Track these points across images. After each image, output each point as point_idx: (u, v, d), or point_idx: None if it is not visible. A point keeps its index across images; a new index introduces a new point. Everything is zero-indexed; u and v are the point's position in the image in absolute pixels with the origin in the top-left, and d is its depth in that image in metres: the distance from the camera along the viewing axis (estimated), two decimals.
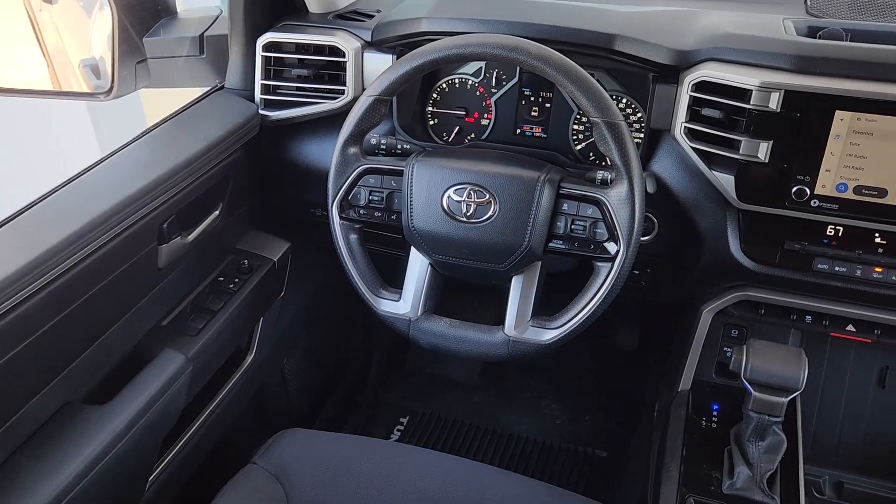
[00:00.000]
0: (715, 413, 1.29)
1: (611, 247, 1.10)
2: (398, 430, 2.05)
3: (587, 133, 1.40)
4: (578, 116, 1.39)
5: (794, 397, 1.27)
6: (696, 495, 1.12)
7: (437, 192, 1.15)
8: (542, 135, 1.43)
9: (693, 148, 1.22)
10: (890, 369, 1.35)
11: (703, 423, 1.27)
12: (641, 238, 1.34)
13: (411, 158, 1.18)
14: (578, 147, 1.41)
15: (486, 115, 1.46)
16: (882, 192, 1.13)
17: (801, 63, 1.12)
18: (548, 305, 1.23)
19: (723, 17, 1.29)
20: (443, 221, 1.15)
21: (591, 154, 1.41)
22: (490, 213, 1.13)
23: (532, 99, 1.42)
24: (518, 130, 1.45)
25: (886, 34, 1.27)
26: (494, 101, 1.44)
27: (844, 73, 1.10)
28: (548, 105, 1.41)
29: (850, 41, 1.26)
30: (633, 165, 1.07)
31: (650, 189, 1.20)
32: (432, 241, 1.17)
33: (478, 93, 1.45)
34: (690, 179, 1.27)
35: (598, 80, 1.34)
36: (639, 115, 1.36)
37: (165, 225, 1.22)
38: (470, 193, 1.13)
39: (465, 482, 1.22)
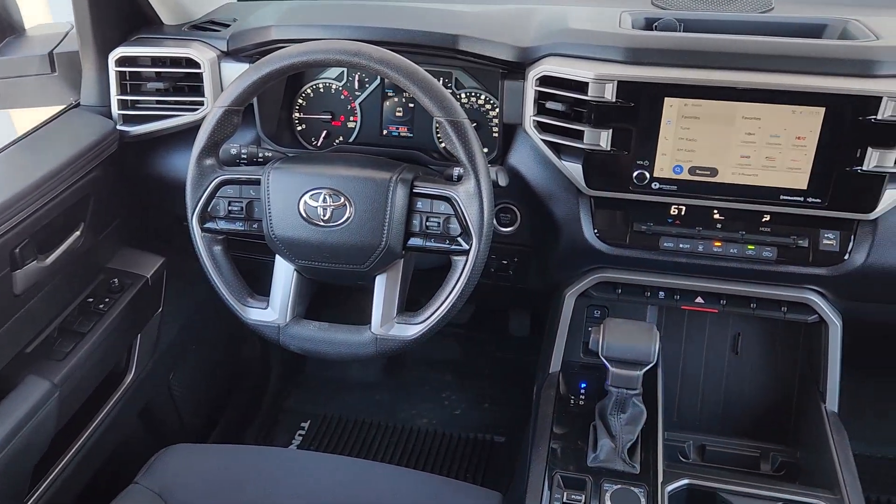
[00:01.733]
0: (583, 391, 1.35)
1: (464, 241, 1.14)
2: (300, 435, 2.06)
3: None
4: None
5: (654, 370, 1.36)
6: (563, 470, 1.18)
7: (294, 198, 1.16)
8: (408, 134, 1.47)
9: (543, 140, 1.27)
10: (741, 335, 1.44)
11: (572, 401, 1.33)
12: (505, 230, 1.41)
13: (267, 166, 1.19)
14: (442, 145, 1.45)
15: (352, 118, 1.48)
16: (713, 172, 1.21)
17: (631, 55, 1.19)
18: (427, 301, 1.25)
19: (564, 12, 1.35)
20: (301, 227, 1.17)
21: None
22: (347, 215, 1.15)
23: (396, 100, 1.45)
24: (385, 131, 1.47)
25: (718, 22, 1.36)
26: (359, 104, 1.46)
27: (671, 63, 1.18)
28: (411, 105, 1.44)
29: (684, 31, 1.34)
30: (478, 161, 1.11)
31: (502, 182, 1.25)
32: (293, 247, 1.19)
33: (342, 96, 1.47)
34: (544, 170, 1.33)
35: (456, 78, 1.40)
36: (497, 110, 1.40)
37: (18, 250, 1.19)
38: (326, 198, 1.15)
39: (356, 482, 1.24)
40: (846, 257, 1.23)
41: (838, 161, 1.16)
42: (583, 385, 1.36)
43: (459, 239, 1.15)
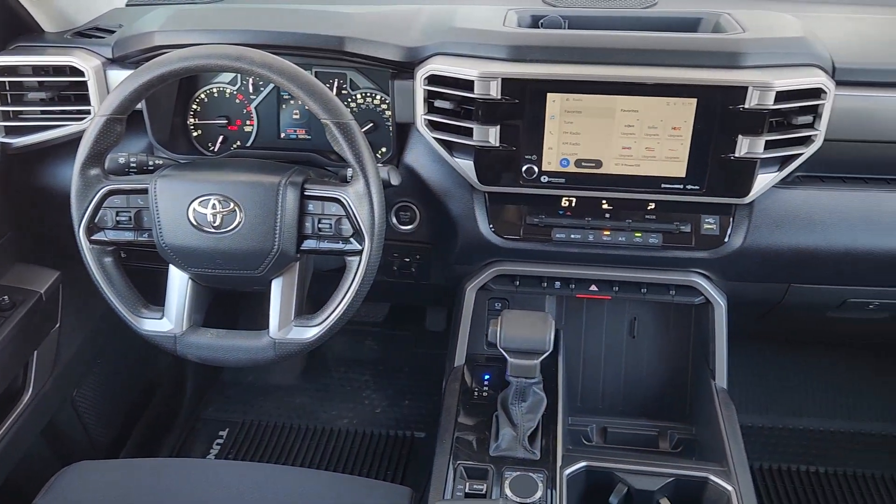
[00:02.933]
0: (486, 383, 1.38)
1: (357, 241, 1.15)
2: (217, 444, 2.03)
3: None
4: None
5: (555, 358, 1.41)
6: (466, 461, 1.20)
7: (182, 205, 1.15)
8: (307, 136, 1.46)
9: (435, 138, 1.29)
10: (637, 320, 1.50)
11: (476, 393, 1.36)
12: (404, 228, 1.42)
13: (155, 174, 1.17)
14: None
15: (248, 122, 1.47)
16: (598, 163, 1.26)
17: (513, 52, 1.22)
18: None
19: (451, 11, 1.37)
20: (192, 234, 1.15)
21: None
22: (237, 221, 1.14)
23: (293, 103, 1.44)
24: (283, 134, 1.47)
25: (602, 19, 1.41)
26: (255, 108, 1.46)
27: (551, 59, 1.21)
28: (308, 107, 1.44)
29: (569, 28, 1.38)
30: (366, 162, 1.13)
31: (394, 181, 1.26)
32: (185, 255, 1.17)
33: (237, 100, 1.45)
34: (439, 168, 1.35)
35: (350, 79, 1.41)
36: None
37: None
38: (215, 204, 1.14)
39: (263, 488, 1.23)
40: (726, 240, 1.30)
41: (713, 149, 1.22)
42: (486, 377, 1.39)
43: (352, 239, 1.16)
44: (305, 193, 1.16)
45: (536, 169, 1.27)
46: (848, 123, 1.25)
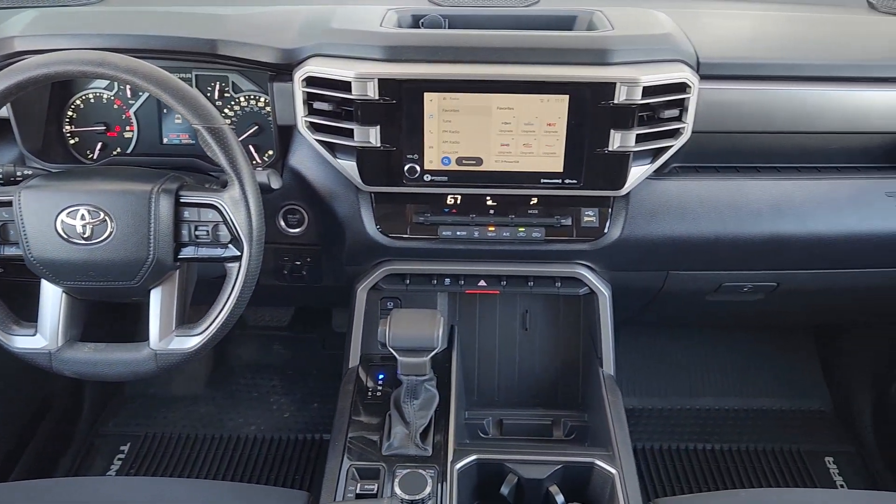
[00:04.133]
0: (381, 382, 1.38)
1: (235, 247, 1.14)
2: (119, 460, 1.97)
3: None
4: None
5: (448, 353, 1.42)
6: (358, 462, 1.20)
7: (50, 217, 1.11)
8: (190, 141, 1.43)
9: (317, 140, 1.28)
10: (528, 312, 1.53)
11: (370, 394, 1.36)
12: (293, 231, 1.41)
13: (20, 186, 1.13)
14: None
15: (128, 128, 1.42)
16: (479, 161, 1.27)
17: (388, 53, 1.22)
18: None
19: (329, 11, 1.36)
20: (62, 247, 1.11)
21: None
22: (108, 231, 1.11)
23: None
24: (165, 140, 1.43)
25: (482, 17, 1.42)
26: (134, 113, 1.41)
27: (427, 59, 1.22)
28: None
29: (449, 27, 1.39)
30: (240, 167, 1.11)
31: (275, 185, 1.25)
32: (56, 269, 1.13)
33: (115, 106, 1.41)
34: (324, 170, 1.35)
35: (233, 82, 1.38)
36: None
37: None
38: (84, 215, 1.11)
39: (156, 502, 1.20)
40: (605, 231, 1.34)
41: (587, 144, 1.25)
42: (381, 376, 1.39)
43: (230, 245, 1.14)
44: (181, 200, 1.14)
45: (419, 168, 1.28)
46: (715, 115, 1.30)
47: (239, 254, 1.14)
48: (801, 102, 1.29)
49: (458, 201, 1.35)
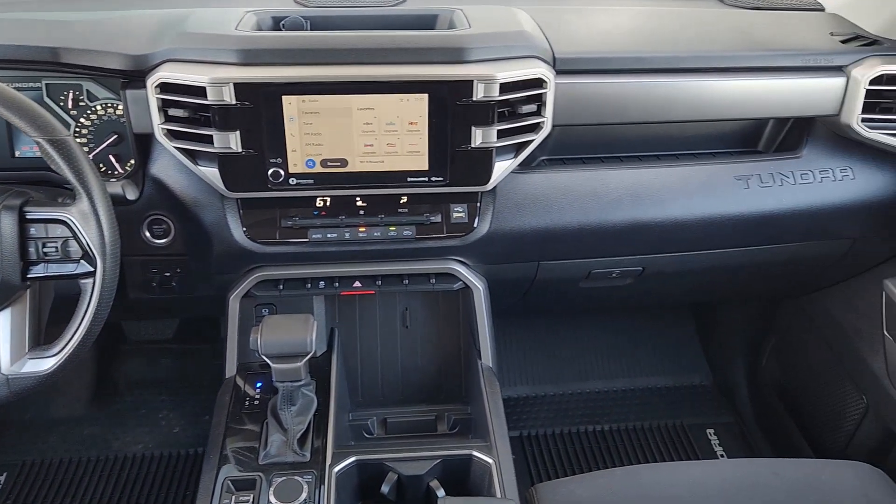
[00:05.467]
0: (259, 390, 1.36)
1: (88, 263, 1.09)
2: None
3: None
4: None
5: (328, 356, 1.42)
6: (234, 474, 1.18)
7: None
8: None
9: (176, 148, 1.25)
10: (408, 310, 1.54)
11: (248, 403, 1.34)
12: (159, 241, 1.37)
13: None
14: None
15: None
16: (344, 162, 1.27)
17: (243, 56, 1.20)
18: None
19: (185, 14, 1.33)
20: None
21: None
22: None
23: None
24: (17, 152, 1.36)
25: (345, 18, 1.42)
26: None
27: (283, 62, 1.20)
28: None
29: (311, 28, 1.38)
30: (88, 179, 1.07)
31: (131, 196, 1.21)
32: None
33: None
34: (186, 178, 1.31)
35: (87, 90, 1.32)
36: None
37: None
38: None
39: None
40: (475, 226, 1.36)
41: (450, 141, 1.26)
42: (259, 384, 1.37)
43: (83, 261, 1.10)
44: (26, 217, 1.08)
45: (283, 172, 1.26)
46: (574, 109, 1.34)
47: (92, 269, 1.09)
48: (652, 94, 1.34)
49: (328, 203, 1.34)
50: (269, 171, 1.26)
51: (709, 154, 1.51)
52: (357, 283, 1.41)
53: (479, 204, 1.36)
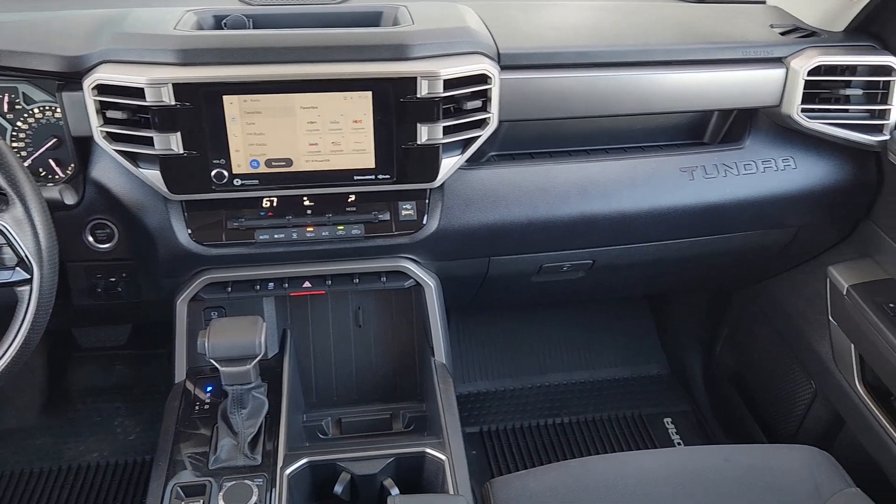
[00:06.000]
0: (209, 394, 1.35)
1: (24, 270, 1.07)
2: None
3: None
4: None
5: (280, 358, 1.40)
6: (183, 480, 1.17)
7: None
8: None
9: (116, 150, 1.22)
10: (361, 309, 1.54)
11: (198, 407, 1.32)
12: (102, 246, 1.35)
13: None
14: None
15: None
16: (289, 162, 1.26)
17: (182, 56, 1.18)
18: None
19: (123, 14, 1.30)
20: None
21: None
22: None
23: None
24: None
25: (287, 16, 1.40)
26: None
27: (222, 61, 1.19)
28: None
29: (254, 27, 1.36)
30: (20, 184, 1.04)
31: (69, 201, 1.19)
32: None
33: None
34: (128, 181, 1.29)
35: (23, 93, 1.29)
36: None
37: None
38: None
39: None
40: (424, 223, 1.36)
41: (396, 139, 1.26)
42: (209, 388, 1.36)
43: (18, 269, 1.07)
44: None
45: (226, 173, 1.25)
46: (520, 104, 1.35)
47: (28, 277, 1.07)
48: (596, 88, 1.35)
49: (274, 203, 1.32)
50: (213, 173, 1.24)
51: (656, 147, 1.53)
52: (307, 284, 1.40)
53: (427, 201, 1.36)
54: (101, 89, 1.19)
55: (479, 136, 1.31)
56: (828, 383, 1.65)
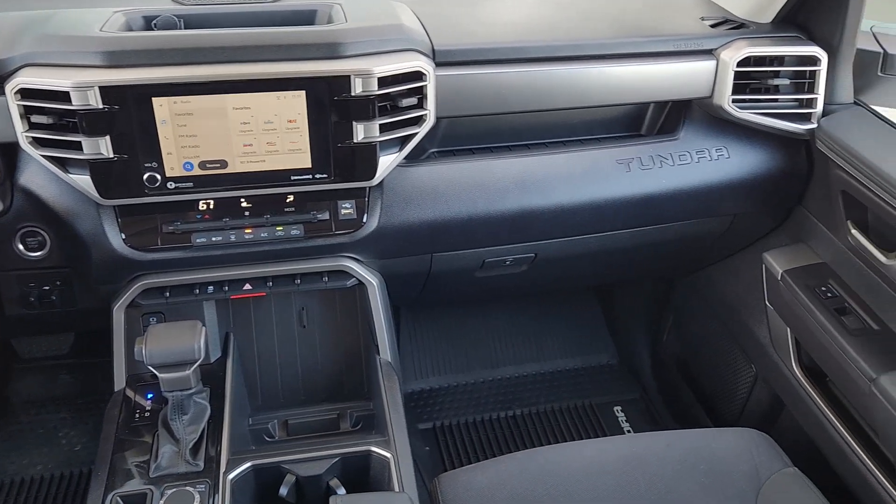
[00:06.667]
0: (150, 401, 1.32)
1: None
2: None
3: None
4: None
5: (223, 361, 1.39)
6: (123, 489, 1.15)
7: None
8: None
9: (43, 156, 1.19)
10: (305, 309, 1.53)
11: (138, 415, 1.30)
12: (34, 255, 1.32)
13: None
14: None
15: None
16: (223, 164, 1.24)
17: (108, 58, 1.15)
18: None
19: (48, 16, 1.27)
20: None
21: None
22: None
23: None
24: None
25: (219, 15, 1.38)
26: None
27: (152, 62, 1.17)
28: None
29: (185, 27, 1.34)
30: None
31: None
32: None
33: None
34: (58, 187, 1.26)
35: None
36: None
37: None
38: None
39: None
40: (364, 222, 1.36)
41: (332, 138, 1.25)
42: (150, 395, 1.33)
43: None
44: None
45: (159, 176, 1.22)
46: (456, 100, 1.35)
47: None
48: (531, 83, 1.36)
49: (211, 206, 1.31)
50: (145, 176, 1.22)
51: (594, 140, 1.55)
52: (247, 286, 1.39)
53: (367, 199, 1.36)
54: (25, 93, 1.16)
55: (416, 134, 1.31)
56: (767, 367, 1.69)
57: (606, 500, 1.26)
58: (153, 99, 1.17)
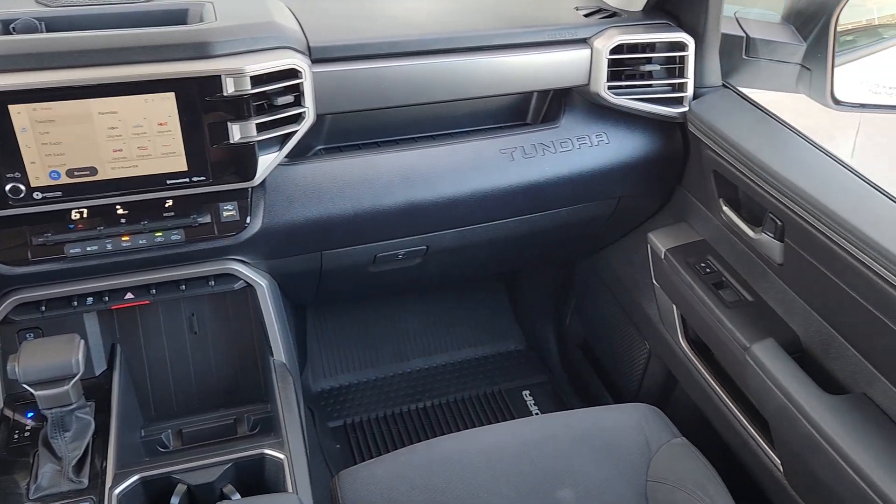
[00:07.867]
0: (31, 420, 1.28)
1: None
2: None
3: None
4: None
5: (109, 374, 1.35)
6: None
7: None
8: None
9: None
10: (195, 315, 1.50)
11: (17, 435, 1.25)
12: None
13: None
14: None
15: None
16: (93, 171, 1.20)
17: None
18: None
19: None
20: None
21: None
22: None
23: None
24: None
25: (85, 17, 1.32)
26: None
27: (7, 68, 1.12)
28: None
29: (47, 30, 1.29)
30: None
31: None
32: None
33: None
34: None
35: None
36: None
37: None
38: None
39: None
40: (247, 223, 1.34)
41: (207, 139, 1.23)
42: (30, 414, 1.29)
43: None
44: None
45: (23, 187, 1.18)
46: (336, 96, 1.35)
47: None
48: (409, 77, 1.37)
49: (84, 214, 1.26)
50: (8, 188, 1.17)
51: (479, 130, 1.57)
52: (129, 295, 1.35)
53: (249, 200, 1.34)
54: None
55: (296, 132, 1.30)
56: (658, 343, 1.76)
57: (505, 483, 1.28)
58: (9, 107, 1.12)
